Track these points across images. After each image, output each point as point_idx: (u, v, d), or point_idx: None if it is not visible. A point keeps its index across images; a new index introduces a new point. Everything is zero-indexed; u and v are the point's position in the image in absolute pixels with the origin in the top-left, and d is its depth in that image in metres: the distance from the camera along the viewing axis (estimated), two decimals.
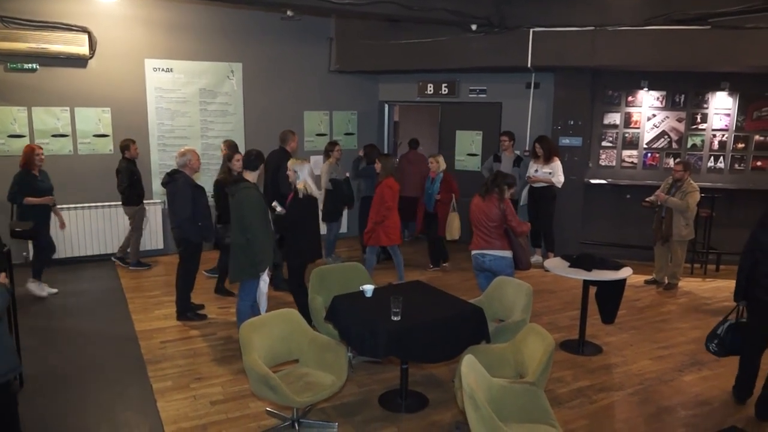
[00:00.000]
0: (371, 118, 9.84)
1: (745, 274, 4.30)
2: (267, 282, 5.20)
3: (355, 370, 4.90)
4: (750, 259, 4.26)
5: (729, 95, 8.29)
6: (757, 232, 4.23)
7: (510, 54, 7.85)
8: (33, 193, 6.26)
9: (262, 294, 5.17)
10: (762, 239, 4.17)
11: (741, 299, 4.38)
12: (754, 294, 4.25)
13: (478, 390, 2.92)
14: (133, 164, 7.36)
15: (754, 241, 4.25)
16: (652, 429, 4.15)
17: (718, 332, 4.51)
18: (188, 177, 5.70)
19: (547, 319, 6.20)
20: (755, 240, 4.24)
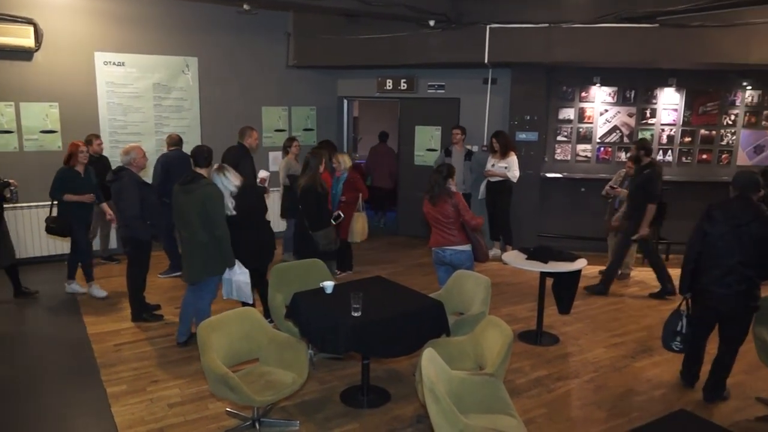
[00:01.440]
0: (330, 114, 9.79)
1: (690, 266, 4.38)
2: (246, 272, 5.10)
3: (316, 368, 4.88)
4: (695, 251, 4.34)
5: (676, 91, 8.58)
6: (704, 224, 4.30)
7: (467, 50, 7.93)
8: (73, 190, 6.14)
9: (246, 285, 5.10)
10: (708, 231, 4.27)
11: (687, 291, 4.46)
12: (699, 284, 4.36)
13: (438, 383, 2.95)
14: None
15: (699, 233, 4.32)
16: (608, 414, 4.28)
17: (678, 329, 4.48)
18: (134, 174, 5.56)
19: (506, 311, 6.30)
20: (701, 232, 4.31)
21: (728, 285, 4.20)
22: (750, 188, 4.26)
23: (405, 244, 9.11)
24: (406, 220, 9.46)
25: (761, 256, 4.14)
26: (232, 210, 5.03)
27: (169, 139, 7.17)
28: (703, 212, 4.35)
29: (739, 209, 4.20)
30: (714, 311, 4.36)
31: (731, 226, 4.17)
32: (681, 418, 2.80)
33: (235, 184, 5.07)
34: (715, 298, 4.28)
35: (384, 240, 9.44)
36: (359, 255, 8.48)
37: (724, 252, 4.20)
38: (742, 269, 4.17)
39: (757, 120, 8.70)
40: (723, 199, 4.36)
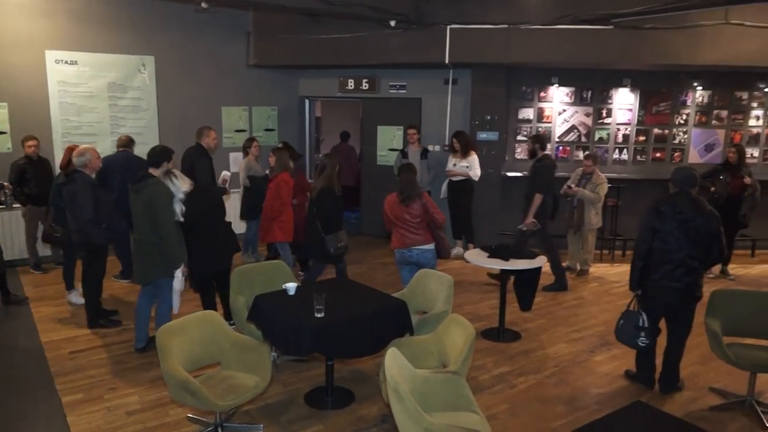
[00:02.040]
0: (292, 114, 9.72)
1: (641, 263, 4.47)
2: (180, 279, 4.99)
3: (279, 370, 4.84)
4: (645, 248, 4.44)
5: (631, 91, 8.82)
6: (653, 221, 4.40)
7: (428, 50, 7.98)
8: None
9: (176, 292, 4.99)
10: (658, 228, 4.39)
11: (637, 288, 4.55)
12: (650, 280, 4.46)
13: (401, 382, 2.96)
14: None
15: (648, 230, 4.42)
16: (568, 408, 4.36)
17: (641, 325, 4.52)
18: (88, 177, 5.41)
19: (469, 309, 6.37)
20: (650, 229, 4.41)
21: (678, 278, 4.36)
22: (689, 184, 4.42)
23: (368, 243, 9.11)
24: (369, 219, 9.46)
25: (706, 248, 4.32)
26: (180, 216, 4.89)
27: (119, 140, 6.98)
28: (650, 210, 4.45)
29: (684, 205, 4.35)
30: (663, 305, 4.50)
31: (679, 221, 4.32)
32: (637, 409, 2.87)
33: (183, 190, 4.91)
34: (666, 292, 4.42)
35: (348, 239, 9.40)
36: None
37: (674, 247, 4.34)
38: (689, 262, 4.34)
39: (707, 119, 9.00)
40: (667, 196, 4.49)
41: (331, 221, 5.86)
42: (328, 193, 5.82)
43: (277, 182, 6.42)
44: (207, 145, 6.88)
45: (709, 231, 4.29)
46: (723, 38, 7.52)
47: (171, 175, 4.93)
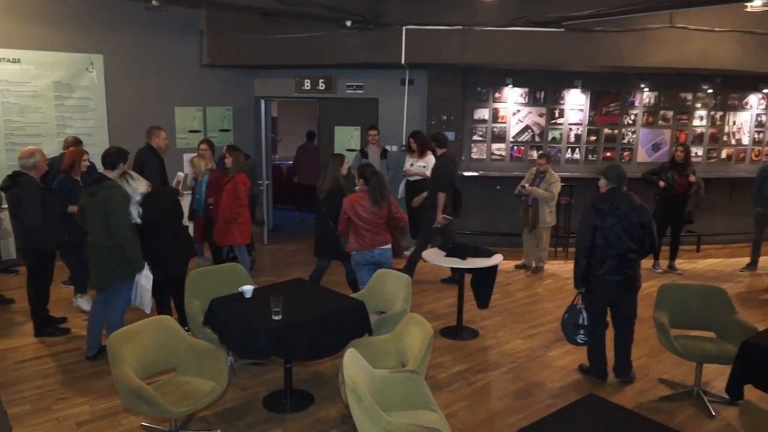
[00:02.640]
0: (247, 114, 9.58)
1: (585, 261, 4.58)
2: (150, 278, 4.86)
3: (237, 374, 4.77)
4: (588, 246, 4.55)
5: (582, 92, 9.05)
6: (593, 219, 4.52)
7: (384, 51, 8.00)
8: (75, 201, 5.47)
9: (147, 291, 4.85)
10: (599, 225, 4.51)
11: (582, 285, 4.66)
12: (594, 276, 4.58)
13: (360, 383, 2.95)
14: None
15: (590, 228, 4.54)
16: (525, 403, 4.44)
17: (581, 323, 4.68)
18: (35, 179, 5.22)
19: (427, 308, 6.41)
20: (591, 227, 4.53)
21: (621, 271, 4.53)
22: (623, 180, 4.63)
23: None
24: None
25: (641, 240, 4.54)
26: (136, 218, 4.77)
27: (65, 141, 6.73)
28: (589, 209, 4.59)
29: (620, 201, 4.52)
30: (608, 299, 4.65)
31: (618, 216, 4.49)
32: (590, 402, 2.94)
33: (140, 191, 4.80)
34: (611, 286, 4.57)
35: (305, 241, 9.34)
36: (281, 257, 8.40)
37: (614, 242, 4.50)
38: (629, 255, 4.53)
39: (654, 120, 9.31)
40: (603, 194, 4.63)
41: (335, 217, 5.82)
42: (337, 193, 5.81)
43: (235, 183, 6.32)
44: (157, 145, 6.73)
45: (643, 223, 4.52)
46: (668, 41, 7.80)
47: (127, 176, 4.81)
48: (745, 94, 9.50)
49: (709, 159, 9.60)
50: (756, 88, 9.44)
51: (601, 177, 4.75)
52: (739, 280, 7.64)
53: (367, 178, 5.32)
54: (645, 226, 4.53)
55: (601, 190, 4.72)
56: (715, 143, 9.59)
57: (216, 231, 6.52)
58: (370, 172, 5.36)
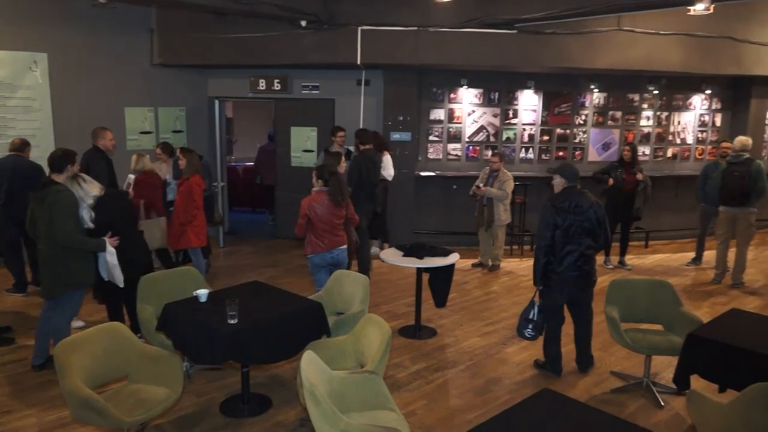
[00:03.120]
0: (201, 115, 9.40)
1: (546, 259, 4.66)
2: (114, 253, 4.69)
3: (192, 380, 4.68)
4: (548, 244, 4.64)
5: (535, 93, 9.23)
6: (553, 217, 4.61)
7: (340, 51, 7.98)
8: None
9: (115, 266, 4.71)
10: (560, 223, 4.61)
11: (541, 283, 4.74)
12: (556, 273, 4.67)
13: (318, 385, 2.94)
14: None
15: (549, 226, 4.63)
16: (482, 399, 4.50)
17: (531, 317, 4.79)
18: None
19: (386, 308, 6.43)
20: (551, 225, 4.62)
21: (580, 267, 4.66)
22: (576, 178, 4.76)
23: (284, 246, 8.99)
24: (285, 222, 9.32)
25: (596, 236, 4.69)
26: (88, 222, 4.63)
27: (11, 143, 6.49)
28: (548, 207, 4.67)
29: (579, 198, 4.65)
30: (567, 295, 4.77)
31: (576, 214, 4.61)
32: (545, 396, 3.00)
33: (93, 194, 4.67)
34: (571, 282, 4.69)
35: (262, 243, 9.26)
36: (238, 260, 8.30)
37: (575, 239, 4.62)
38: (586, 251, 4.67)
39: (603, 120, 9.58)
40: (561, 192, 4.73)
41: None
42: None
43: (189, 185, 6.19)
44: (104, 146, 6.55)
45: (599, 219, 4.67)
46: (616, 44, 8.04)
47: (78, 179, 4.67)
48: (688, 94, 9.88)
49: (655, 158, 9.94)
50: (699, 89, 9.82)
51: (555, 175, 4.83)
52: (685, 275, 7.93)
53: (326, 179, 5.31)
54: (600, 222, 4.69)
55: (556, 189, 4.81)
56: (661, 142, 9.94)
57: (170, 234, 6.37)
58: (328, 173, 5.34)
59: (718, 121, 10.18)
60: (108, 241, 4.68)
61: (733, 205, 7.14)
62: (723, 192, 7.18)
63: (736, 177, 7.02)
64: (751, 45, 8.73)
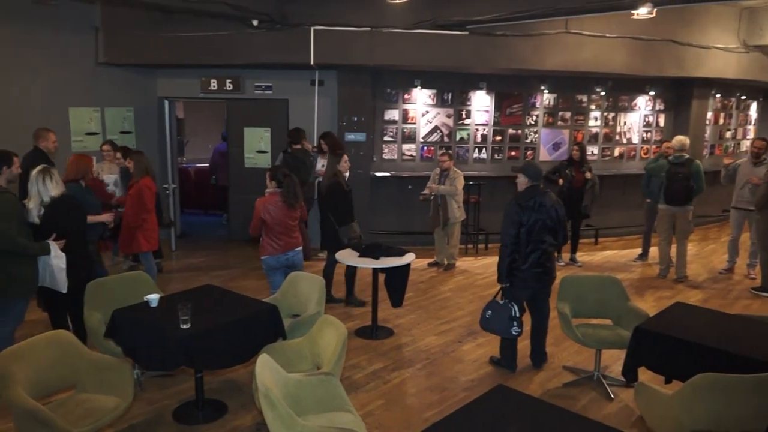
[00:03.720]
0: (150, 115, 9.15)
1: (511, 257, 4.71)
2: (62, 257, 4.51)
3: (144, 388, 4.56)
4: (513, 242, 4.69)
5: (487, 94, 9.38)
6: (518, 215, 4.68)
7: (293, 51, 7.92)
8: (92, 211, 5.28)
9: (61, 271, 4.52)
10: (524, 221, 4.68)
11: (507, 281, 4.79)
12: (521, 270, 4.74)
13: (273, 388, 2.91)
14: None
15: (514, 225, 4.69)
16: (439, 397, 4.54)
17: (513, 315, 4.72)
18: None
19: (342, 309, 6.41)
20: (516, 223, 4.68)
21: (542, 264, 4.77)
22: (540, 177, 4.86)
23: (238, 248, 8.85)
24: (238, 223, 9.19)
25: (558, 233, 4.82)
26: (35, 218, 4.46)
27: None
28: (513, 206, 4.74)
29: (542, 197, 4.75)
30: (530, 291, 4.86)
31: (540, 212, 4.70)
32: (499, 392, 3.05)
33: (51, 194, 4.53)
34: (536, 278, 4.79)
35: (215, 245, 9.09)
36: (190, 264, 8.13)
37: (537, 237, 4.71)
38: (549, 248, 4.78)
39: (553, 120, 9.81)
40: (526, 191, 4.81)
41: (343, 214, 6.21)
42: (336, 188, 6.16)
43: (139, 188, 6.02)
44: (45, 148, 6.31)
45: (560, 218, 4.80)
46: (564, 46, 8.25)
47: (47, 174, 4.56)
48: (633, 96, 10.22)
49: (603, 157, 10.24)
50: (643, 91, 10.18)
51: (519, 174, 4.89)
52: (632, 270, 8.20)
53: (279, 180, 5.27)
54: (561, 221, 4.82)
55: (519, 188, 4.87)
56: (608, 142, 10.24)
57: (120, 239, 6.18)
58: (282, 174, 5.31)
59: (662, 121, 10.57)
60: (54, 244, 4.50)
61: (676, 203, 7.43)
62: (668, 192, 7.45)
63: (680, 178, 7.30)
64: (691, 48, 9.11)
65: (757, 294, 7.10)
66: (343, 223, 6.23)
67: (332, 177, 6.31)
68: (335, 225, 6.21)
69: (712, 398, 3.14)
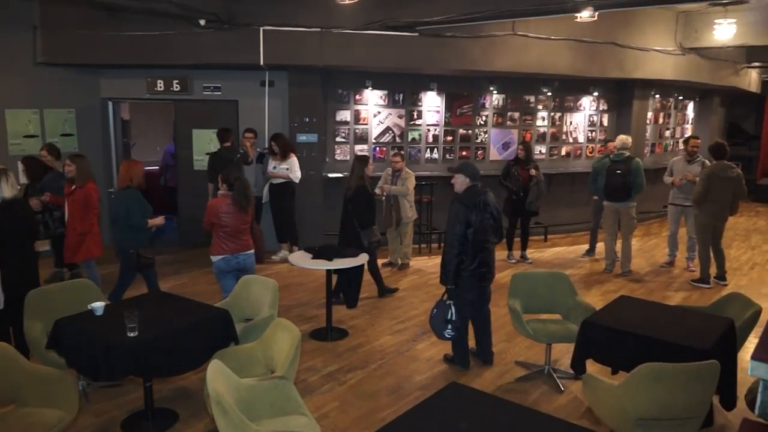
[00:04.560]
0: (93, 117, 8.84)
1: (459, 258, 4.73)
2: None
3: (90, 399, 4.41)
4: (461, 243, 4.72)
5: (437, 95, 9.47)
6: (466, 216, 4.71)
7: (242, 51, 7.81)
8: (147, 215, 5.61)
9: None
10: (472, 221, 4.72)
11: (453, 282, 4.80)
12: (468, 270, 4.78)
13: (225, 394, 2.86)
14: None
15: (462, 225, 4.71)
16: (395, 397, 4.56)
17: (449, 317, 4.77)
18: None
19: (297, 312, 6.36)
20: (464, 223, 4.71)
21: (486, 263, 4.84)
22: (478, 177, 4.91)
23: (188, 252, 8.65)
24: (188, 227, 8.98)
25: (497, 231, 4.95)
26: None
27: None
28: (459, 206, 4.76)
29: (484, 196, 4.83)
30: (476, 291, 4.92)
31: (485, 211, 4.78)
32: (453, 390, 3.08)
33: (3, 196, 4.39)
34: (482, 277, 4.86)
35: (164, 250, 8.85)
36: None
37: (485, 236, 4.79)
38: (491, 246, 4.87)
39: (503, 120, 10.00)
40: (469, 191, 4.83)
41: (366, 217, 6.25)
42: (362, 192, 6.24)
43: (84, 193, 5.80)
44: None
45: (499, 216, 4.92)
46: (511, 48, 8.42)
47: (3, 175, 4.43)
48: (578, 96, 10.51)
49: (551, 156, 10.50)
50: (587, 91, 10.48)
51: (457, 174, 4.91)
52: (580, 266, 8.44)
53: (230, 183, 5.21)
54: (501, 219, 4.95)
55: (458, 188, 4.90)
56: (555, 141, 10.51)
57: (67, 247, 5.94)
58: (234, 178, 5.26)
59: (606, 121, 10.92)
60: None
61: (617, 200, 7.69)
62: (607, 189, 7.72)
63: (618, 174, 7.57)
64: (631, 50, 9.45)
65: (696, 285, 7.42)
66: (365, 227, 6.28)
67: (359, 181, 6.36)
68: (357, 227, 6.25)
69: (655, 387, 3.26)
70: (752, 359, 2.22)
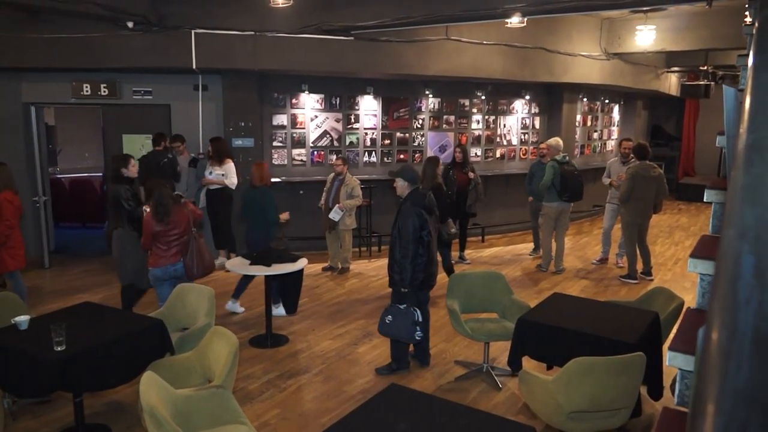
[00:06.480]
0: (14, 123, 8.37)
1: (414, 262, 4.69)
2: None
3: (16, 417, 4.19)
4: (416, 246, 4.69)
5: (374, 98, 9.53)
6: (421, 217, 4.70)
7: (173, 55, 7.61)
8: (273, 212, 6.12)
9: None
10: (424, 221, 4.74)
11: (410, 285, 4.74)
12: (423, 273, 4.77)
13: (159, 406, 2.78)
14: None
15: (416, 229, 4.68)
16: (336, 401, 4.56)
17: (417, 320, 4.70)
18: None
19: (236, 319, 6.26)
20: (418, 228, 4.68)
21: (436, 262, 4.95)
22: (417, 180, 4.96)
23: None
24: None
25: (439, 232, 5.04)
26: None
27: None
28: (412, 209, 4.71)
29: (429, 199, 4.89)
30: (427, 291, 4.99)
31: (431, 213, 4.85)
32: (393, 391, 3.12)
33: None
34: (432, 278, 4.92)
35: (95, 260, 8.51)
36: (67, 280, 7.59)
37: (431, 239, 4.83)
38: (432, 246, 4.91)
39: (439, 123, 10.17)
40: (415, 194, 4.85)
41: (444, 213, 6.35)
42: (437, 190, 6.30)
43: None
44: None
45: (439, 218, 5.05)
46: (445, 52, 8.58)
47: None
48: (511, 100, 10.82)
49: (486, 158, 10.76)
50: (520, 95, 10.81)
51: (398, 179, 4.90)
52: (516, 265, 8.68)
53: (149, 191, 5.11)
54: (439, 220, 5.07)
55: (399, 191, 4.90)
56: (490, 144, 10.77)
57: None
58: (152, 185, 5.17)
59: (537, 123, 11.29)
60: None
61: (574, 200, 7.96)
62: (568, 189, 7.77)
63: (576, 175, 7.84)
64: (559, 55, 9.80)
65: (625, 281, 7.78)
66: (443, 221, 6.42)
67: (433, 181, 6.63)
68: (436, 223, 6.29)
69: (586, 381, 3.40)
70: (670, 350, 2.34)
